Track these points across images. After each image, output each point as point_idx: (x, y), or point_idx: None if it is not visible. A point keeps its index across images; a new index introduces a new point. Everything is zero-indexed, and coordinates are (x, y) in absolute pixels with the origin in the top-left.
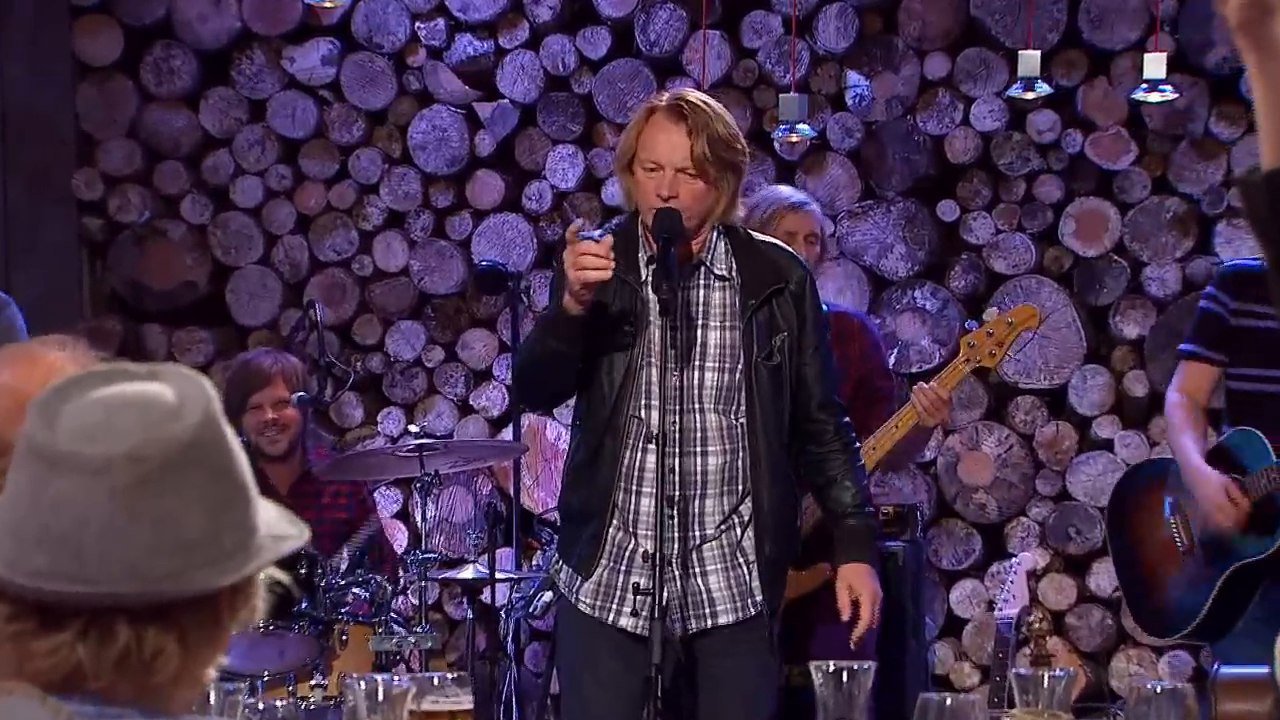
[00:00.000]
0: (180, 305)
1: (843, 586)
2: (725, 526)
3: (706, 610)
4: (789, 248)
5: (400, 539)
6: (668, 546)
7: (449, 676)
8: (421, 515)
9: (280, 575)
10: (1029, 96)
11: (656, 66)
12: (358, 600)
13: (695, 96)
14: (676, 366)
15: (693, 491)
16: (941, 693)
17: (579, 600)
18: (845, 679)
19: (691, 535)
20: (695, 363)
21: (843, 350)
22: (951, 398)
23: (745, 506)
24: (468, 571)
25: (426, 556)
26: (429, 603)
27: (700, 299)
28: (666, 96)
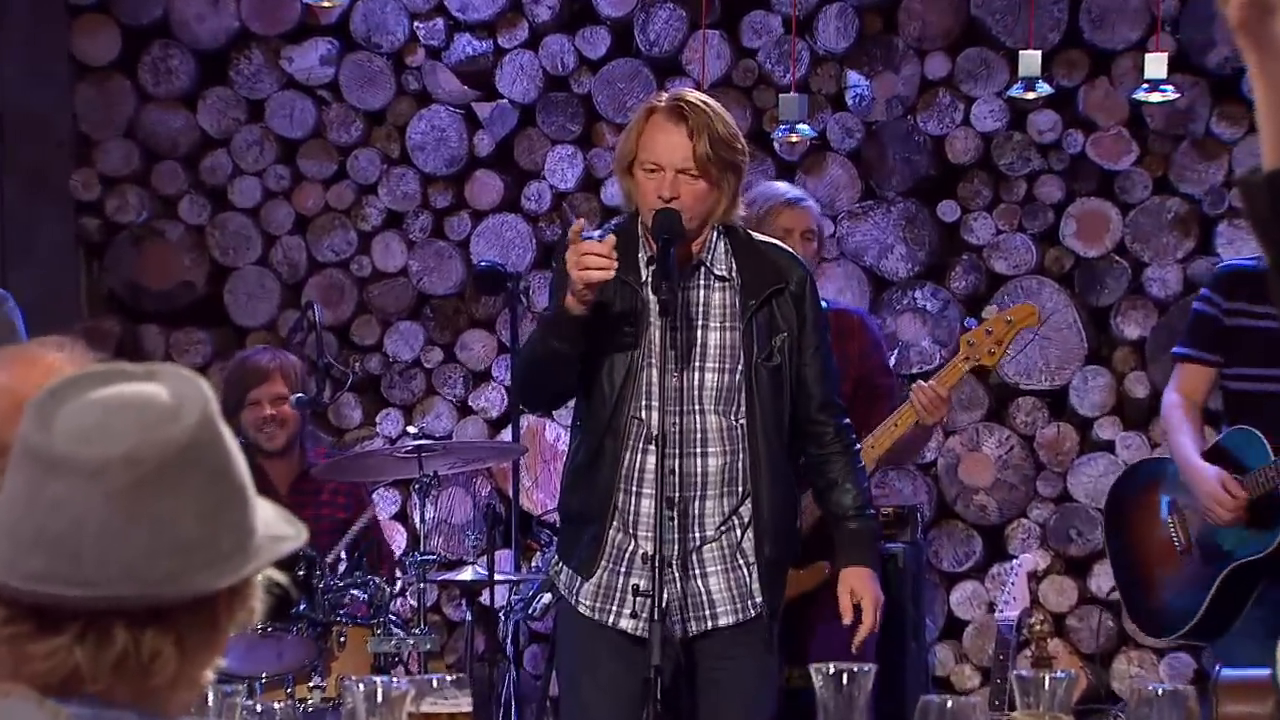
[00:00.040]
0: (178, 306)
1: (844, 590)
2: (725, 528)
3: (707, 612)
4: (789, 248)
5: (399, 540)
6: (667, 548)
7: (448, 678)
8: (420, 517)
9: (278, 576)
10: (1030, 96)
11: (656, 66)
12: (356, 602)
13: (695, 96)
14: (676, 367)
15: (693, 493)
16: (942, 695)
17: (579, 602)
18: (845, 681)
19: (692, 537)
20: (695, 363)
21: (842, 348)
22: (950, 396)
23: (745, 508)
24: (466, 573)
25: (425, 558)
26: (428, 604)
27: (700, 299)
28: (666, 97)
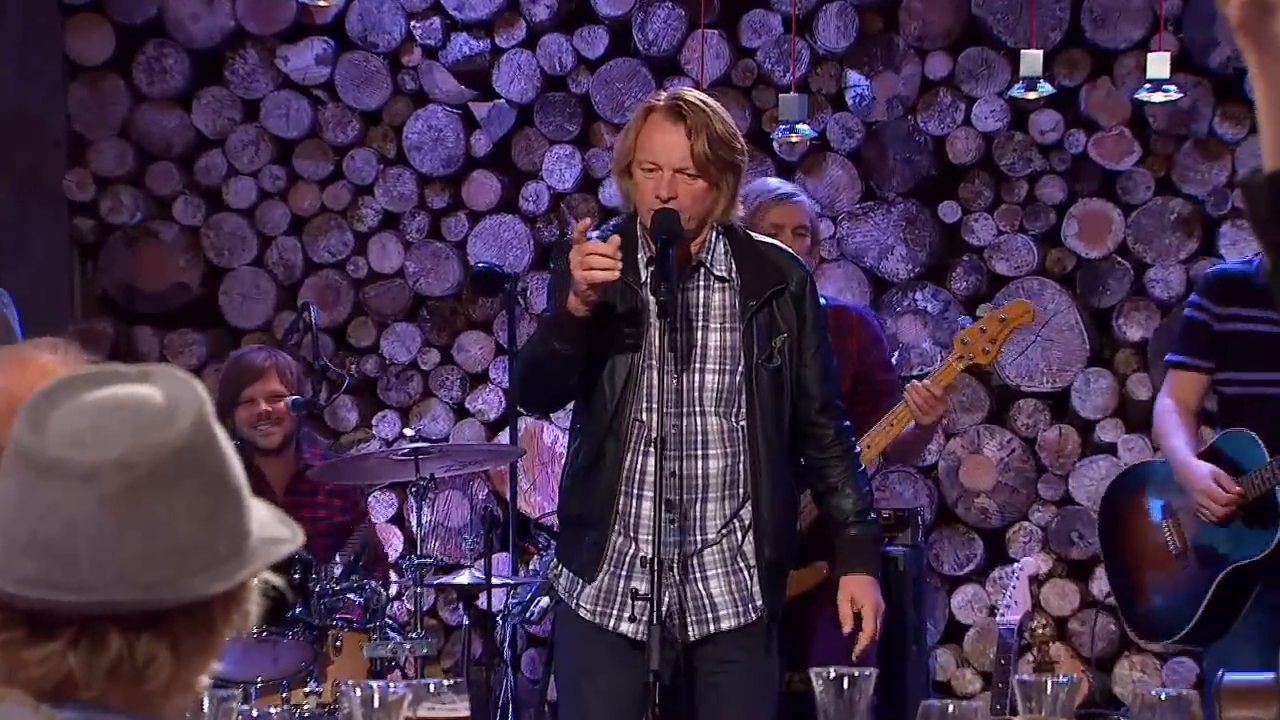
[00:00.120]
0: (172, 307)
1: (844, 598)
2: (726, 531)
3: (709, 615)
4: (788, 248)
5: (395, 544)
6: (666, 551)
7: (445, 683)
8: (417, 520)
9: (274, 580)
10: (1031, 96)
11: (655, 66)
12: (352, 606)
13: (693, 96)
14: (676, 369)
15: (694, 496)
16: (943, 699)
17: (579, 606)
18: (846, 685)
19: (692, 540)
20: (695, 365)
21: (840, 345)
22: (945, 396)
23: (746, 511)
24: (464, 577)
25: (422, 561)
26: (424, 608)
27: (700, 300)
28: (664, 96)
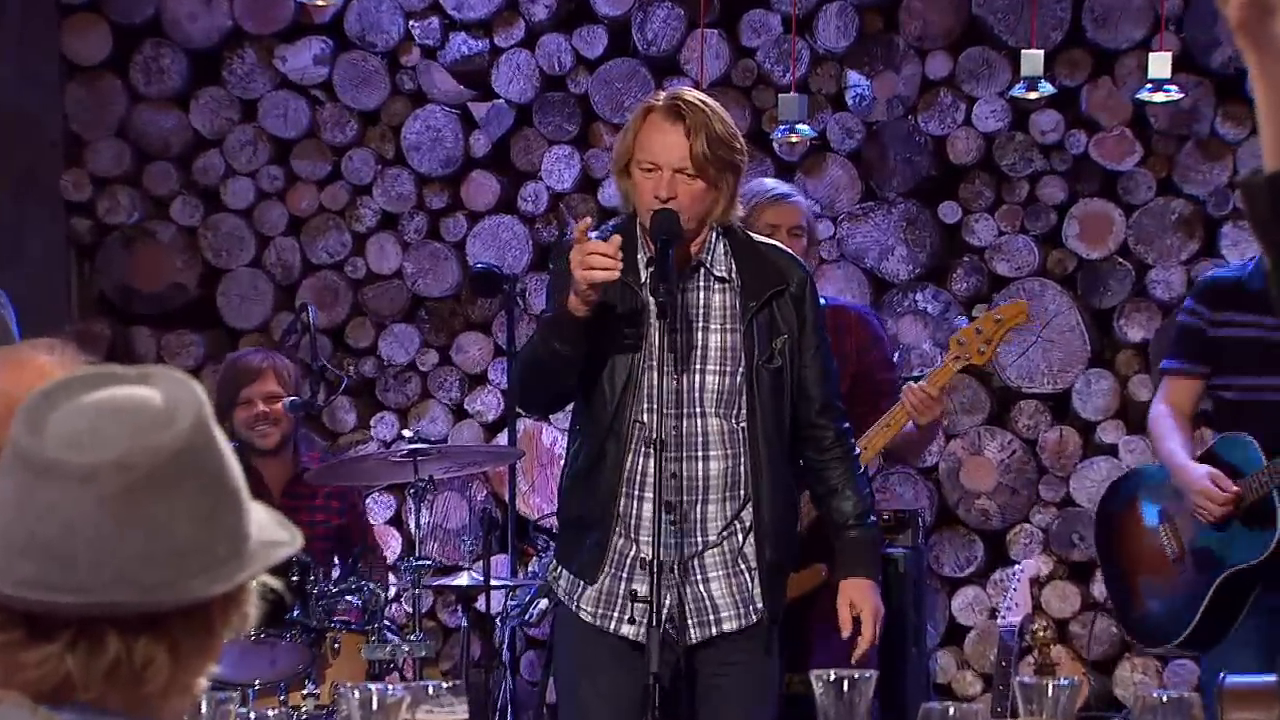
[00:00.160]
0: (170, 308)
1: (844, 602)
2: (727, 533)
3: (711, 617)
4: (788, 249)
5: (394, 545)
6: (666, 553)
7: (443, 685)
8: (415, 521)
9: (273, 582)
10: (1032, 96)
11: (654, 66)
12: (350, 608)
13: (693, 95)
14: (676, 370)
15: (694, 497)
16: (943, 702)
17: (580, 608)
18: (846, 687)
19: (693, 542)
20: (695, 366)
21: (839, 344)
22: (941, 396)
23: (747, 512)
24: (462, 578)
25: (420, 563)
26: (423, 610)
27: (700, 301)
28: (663, 96)
